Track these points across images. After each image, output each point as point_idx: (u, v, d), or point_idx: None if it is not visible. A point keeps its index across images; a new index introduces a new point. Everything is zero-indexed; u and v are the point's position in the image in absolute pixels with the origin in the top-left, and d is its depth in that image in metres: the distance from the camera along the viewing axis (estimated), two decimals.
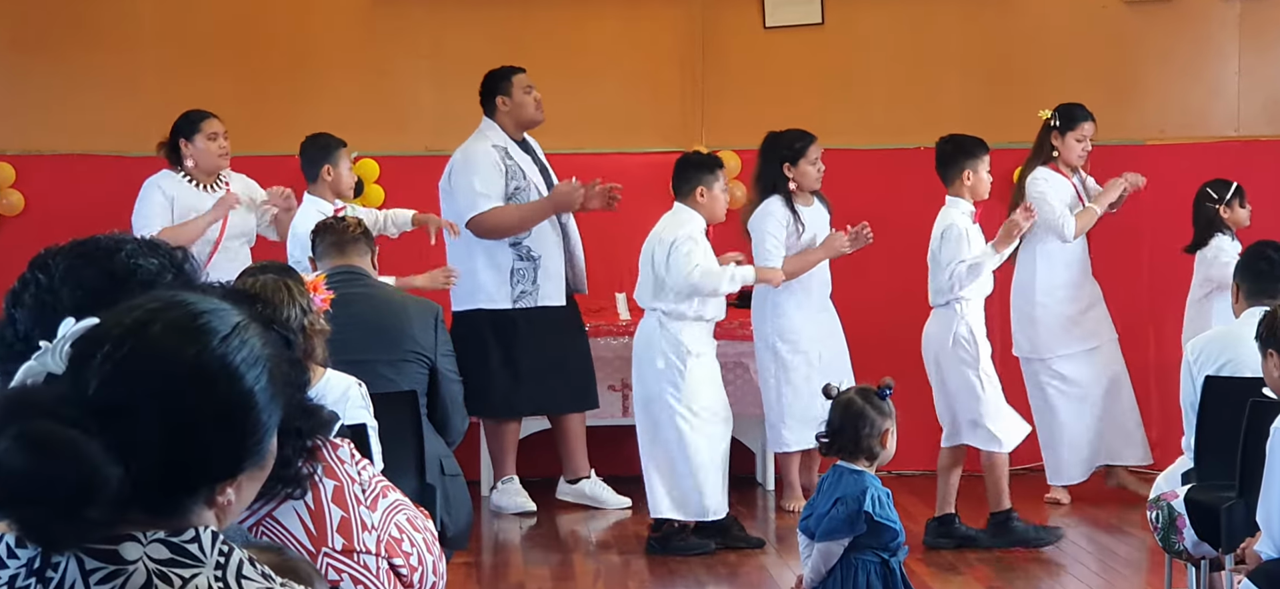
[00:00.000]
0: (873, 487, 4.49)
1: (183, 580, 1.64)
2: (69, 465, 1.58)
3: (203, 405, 1.66)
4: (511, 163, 7.72)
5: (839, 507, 4.47)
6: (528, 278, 7.72)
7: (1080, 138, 7.79)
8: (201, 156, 7.47)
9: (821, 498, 4.56)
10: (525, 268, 7.73)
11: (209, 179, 7.51)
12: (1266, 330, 4.54)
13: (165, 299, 1.71)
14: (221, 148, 7.48)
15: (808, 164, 7.59)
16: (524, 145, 7.83)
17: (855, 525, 4.46)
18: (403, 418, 4.98)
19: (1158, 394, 8.29)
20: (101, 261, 2.28)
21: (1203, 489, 5.18)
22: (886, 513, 4.48)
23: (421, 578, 3.08)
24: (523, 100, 7.74)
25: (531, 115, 7.75)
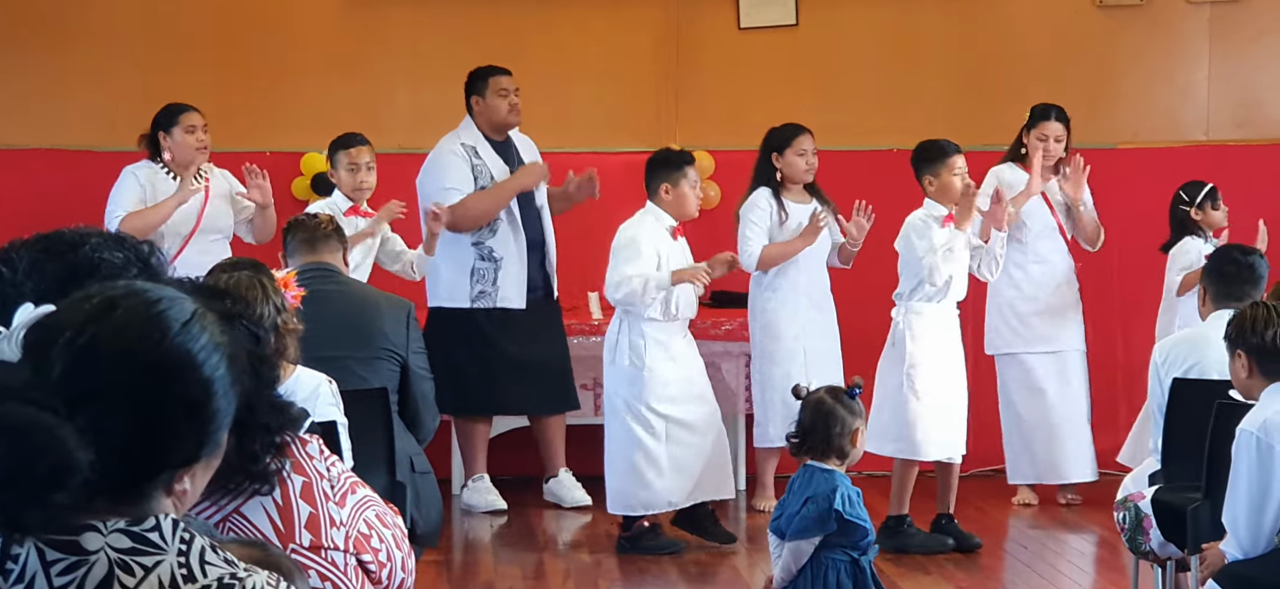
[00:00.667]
0: (843, 486, 4.51)
1: (145, 569, 1.65)
2: (43, 449, 1.59)
3: (165, 392, 1.67)
4: (479, 162, 7.74)
5: (810, 505, 4.49)
6: (487, 278, 7.74)
7: (1042, 136, 7.81)
8: (178, 149, 7.45)
9: (792, 498, 4.58)
10: (485, 268, 7.74)
11: (187, 172, 7.49)
12: (1235, 331, 4.57)
13: (122, 288, 1.72)
14: (199, 141, 7.45)
15: (794, 154, 7.62)
16: (504, 146, 7.83)
17: (826, 524, 4.48)
18: (373, 415, 4.97)
19: (1126, 396, 8.34)
20: (65, 255, 2.28)
21: (1169, 490, 5.21)
22: (857, 512, 4.50)
23: (390, 574, 3.08)
24: (495, 103, 7.75)
25: (503, 118, 7.76)
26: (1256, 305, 4.60)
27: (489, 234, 7.74)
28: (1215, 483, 4.71)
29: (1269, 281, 5.58)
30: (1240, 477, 4.31)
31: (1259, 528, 4.31)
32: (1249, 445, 4.29)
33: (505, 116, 7.75)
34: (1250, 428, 4.32)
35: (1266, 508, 4.29)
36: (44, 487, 1.59)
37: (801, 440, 4.61)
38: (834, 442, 4.55)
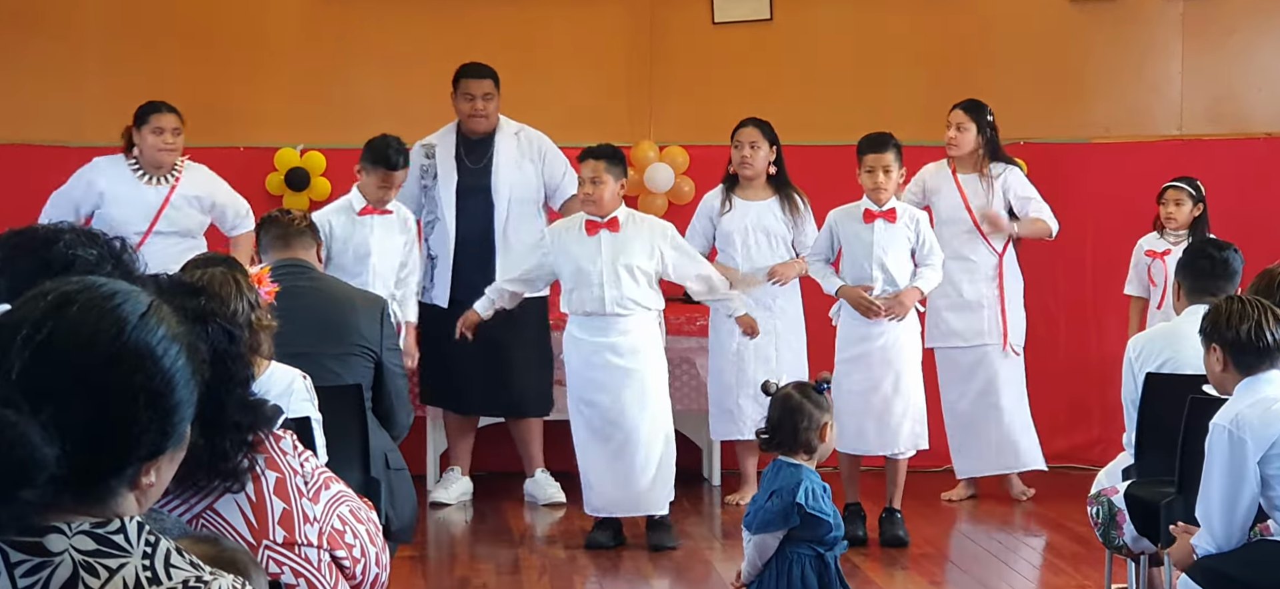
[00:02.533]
0: (809, 480, 4.52)
1: (109, 571, 1.64)
2: (9, 446, 1.58)
3: (125, 385, 1.66)
4: (430, 163, 7.76)
5: (774, 499, 4.50)
6: (427, 274, 7.79)
7: (947, 125, 7.87)
8: (145, 148, 7.43)
9: (760, 492, 4.59)
10: (427, 265, 7.81)
11: (156, 172, 7.46)
12: (1209, 325, 4.58)
13: (76, 283, 1.72)
14: (165, 143, 7.41)
15: (733, 146, 7.70)
16: (477, 143, 7.79)
17: (788, 518, 4.49)
18: (347, 411, 4.96)
19: (1099, 391, 8.37)
20: (39, 251, 2.27)
21: (1143, 485, 5.23)
22: (820, 505, 4.50)
23: (365, 570, 3.07)
24: (460, 106, 7.80)
25: (465, 121, 7.80)
26: (1231, 299, 4.61)
27: (429, 231, 7.83)
28: (1188, 477, 4.72)
29: (1246, 276, 5.60)
30: (1213, 471, 4.33)
31: (1232, 522, 4.32)
32: (1222, 440, 4.31)
33: (467, 120, 7.78)
34: (1223, 423, 4.33)
35: (1239, 502, 4.30)
36: (12, 483, 1.58)
37: (770, 436, 4.61)
38: (801, 437, 4.56)
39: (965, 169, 7.87)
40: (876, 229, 7.08)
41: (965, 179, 7.86)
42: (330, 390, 4.78)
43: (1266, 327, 4.42)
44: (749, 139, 7.66)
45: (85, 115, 8.44)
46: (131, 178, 7.44)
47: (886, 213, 7.09)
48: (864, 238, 7.09)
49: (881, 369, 7.08)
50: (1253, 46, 9.01)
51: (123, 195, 7.40)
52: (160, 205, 7.40)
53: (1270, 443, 4.24)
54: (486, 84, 7.75)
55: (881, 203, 7.08)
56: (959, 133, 7.82)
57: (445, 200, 7.73)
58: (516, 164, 7.77)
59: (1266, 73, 8.98)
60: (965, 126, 7.81)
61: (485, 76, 7.77)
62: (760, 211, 7.66)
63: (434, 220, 7.79)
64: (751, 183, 7.69)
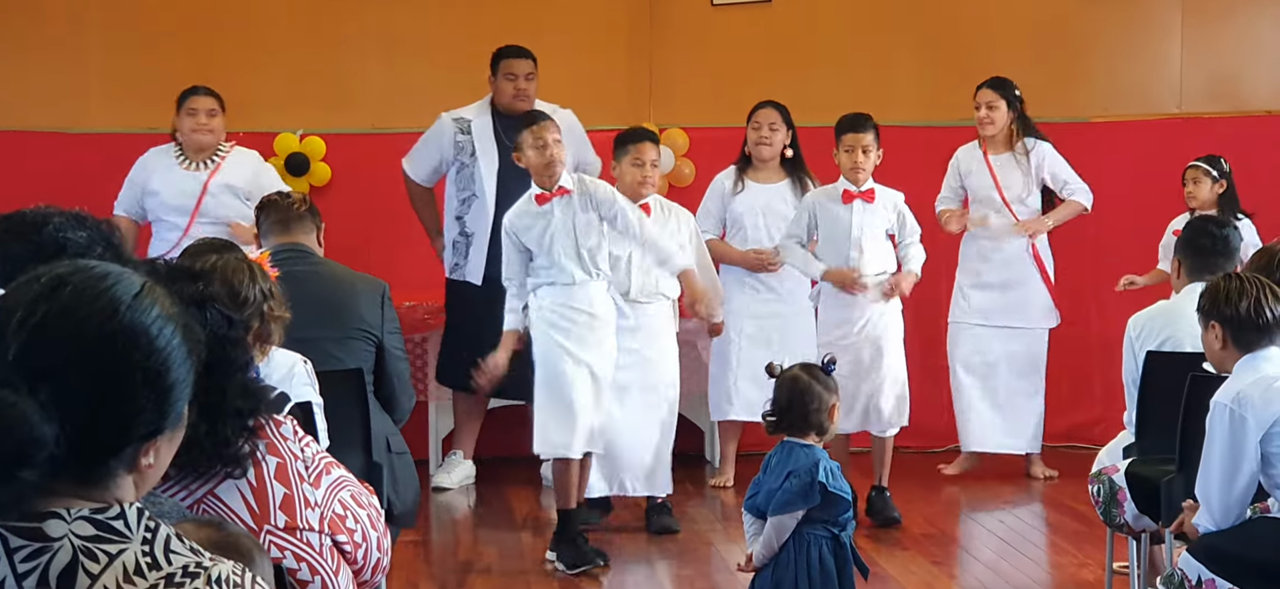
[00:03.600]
0: (824, 459, 4.52)
1: (109, 556, 1.64)
2: (8, 425, 1.59)
3: (120, 365, 1.67)
4: (464, 138, 7.75)
5: (792, 480, 4.49)
6: (462, 251, 7.78)
7: (977, 106, 7.86)
8: (182, 132, 7.46)
9: (770, 475, 4.58)
10: (461, 243, 7.83)
11: (198, 156, 7.45)
12: (1208, 302, 4.58)
13: (69, 266, 1.73)
14: (198, 124, 7.42)
15: (751, 128, 7.69)
16: (511, 124, 7.76)
17: (809, 497, 4.48)
18: (349, 395, 4.95)
19: (1101, 369, 8.37)
20: (29, 235, 2.28)
21: (1143, 463, 5.23)
22: (839, 484, 4.51)
23: (365, 554, 3.08)
24: (501, 85, 7.80)
25: (507, 101, 7.78)
26: (1229, 277, 4.61)
27: (465, 209, 7.78)
28: (1189, 455, 4.73)
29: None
30: (1213, 448, 4.33)
31: (1230, 499, 4.33)
32: (1222, 417, 4.31)
33: (509, 100, 7.76)
34: (1223, 400, 4.34)
35: (1238, 479, 4.31)
36: (12, 463, 1.59)
37: (779, 418, 4.61)
38: (811, 418, 4.55)
39: (997, 148, 7.89)
40: (855, 210, 7.08)
41: (996, 159, 7.88)
42: (331, 375, 4.78)
43: (1266, 303, 4.42)
44: (768, 120, 7.67)
45: (86, 102, 8.44)
46: (176, 166, 7.45)
47: (864, 193, 7.09)
48: (842, 219, 7.09)
49: (866, 349, 7.09)
50: (1252, 24, 9.00)
51: (164, 183, 7.41)
52: (199, 194, 7.37)
53: (1271, 421, 4.25)
54: (529, 64, 7.79)
55: (860, 183, 7.08)
56: (989, 112, 7.83)
57: (486, 180, 7.73)
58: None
59: (1266, 50, 8.97)
60: (995, 105, 7.83)
61: (527, 56, 7.80)
62: (772, 195, 7.66)
63: (470, 197, 7.78)
64: (765, 165, 7.70)
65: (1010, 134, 7.86)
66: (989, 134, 7.86)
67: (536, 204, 6.40)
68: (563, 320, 6.34)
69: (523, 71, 7.76)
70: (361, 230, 8.23)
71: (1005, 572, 6.43)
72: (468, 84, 8.21)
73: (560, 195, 6.37)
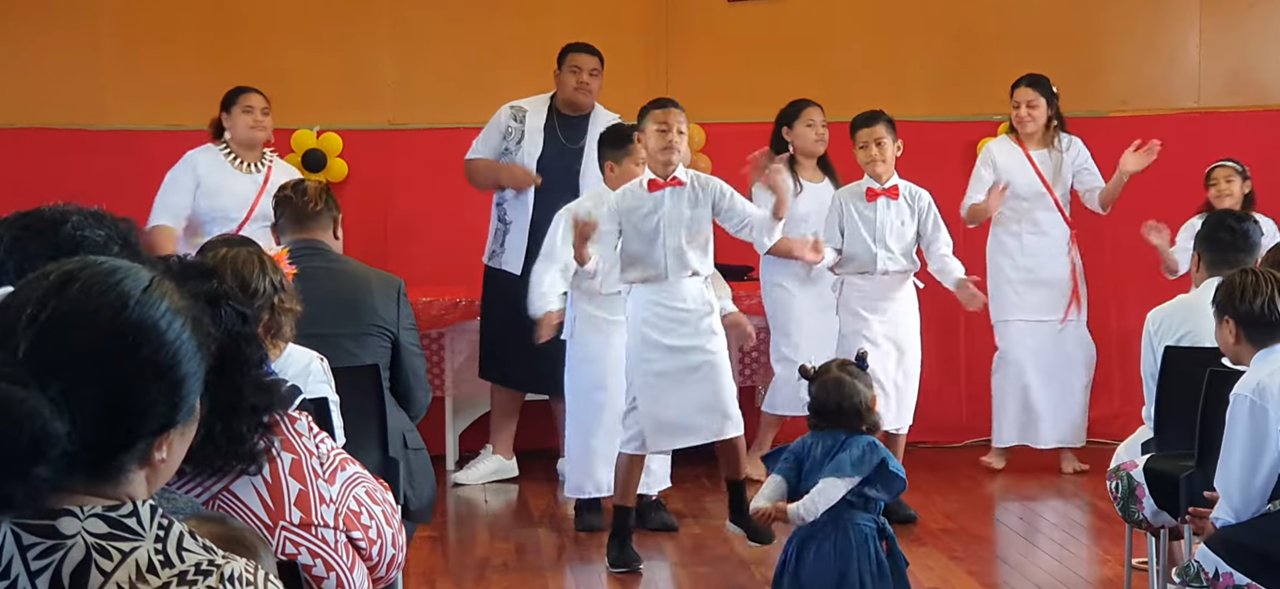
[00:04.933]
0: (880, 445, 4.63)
1: (122, 554, 1.64)
2: (20, 421, 1.59)
3: (131, 359, 1.67)
4: (516, 125, 7.75)
5: (849, 448, 4.53)
6: (500, 238, 7.79)
7: (1017, 104, 7.84)
8: (237, 130, 7.40)
9: (817, 446, 4.60)
10: (500, 229, 7.84)
11: (249, 156, 7.44)
12: (1222, 297, 4.58)
13: (77, 262, 1.73)
14: (256, 122, 7.40)
15: (803, 125, 7.66)
16: (575, 120, 7.77)
17: (863, 465, 4.51)
18: (365, 391, 4.96)
19: (1120, 364, 8.34)
20: (47, 233, 2.28)
21: (1162, 458, 5.21)
22: (897, 465, 4.59)
23: (380, 551, 3.08)
24: (565, 78, 7.78)
25: (569, 95, 7.76)
26: (1244, 272, 4.60)
27: (507, 195, 7.82)
28: (1207, 450, 4.71)
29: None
30: (1234, 440, 4.32)
31: (1250, 491, 4.32)
32: (1243, 409, 4.31)
33: (571, 93, 7.74)
34: (1244, 391, 4.33)
35: (1259, 471, 4.30)
36: (25, 459, 1.60)
37: (827, 418, 4.63)
38: (863, 414, 4.63)
39: (1035, 144, 7.87)
40: (879, 207, 7.08)
41: (1037, 153, 7.87)
42: (348, 371, 4.79)
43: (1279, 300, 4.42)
44: (822, 118, 7.68)
45: (102, 99, 8.45)
46: (227, 165, 7.41)
47: (888, 190, 7.08)
48: (867, 216, 7.09)
49: (886, 346, 7.07)
50: (1271, 18, 8.96)
51: (219, 185, 7.36)
52: (256, 195, 7.33)
53: None
54: (594, 61, 7.78)
55: (882, 178, 7.07)
56: (1030, 110, 7.82)
57: (527, 166, 7.71)
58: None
59: None
60: (1036, 103, 7.82)
61: (593, 54, 7.80)
62: (817, 192, 7.64)
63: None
64: (810, 161, 7.70)
65: (1049, 130, 7.86)
66: (1030, 131, 7.84)
67: (648, 190, 6.28)
68: (658, 317, 6.25)
69: (588, 67, 7.75)
70: (378, 226, 8.23)
71: (1024, 567, 6.41)
72: (483, 81, 8.22)
73: (673, 185, 6.28)
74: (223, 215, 7.25)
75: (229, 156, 7.42)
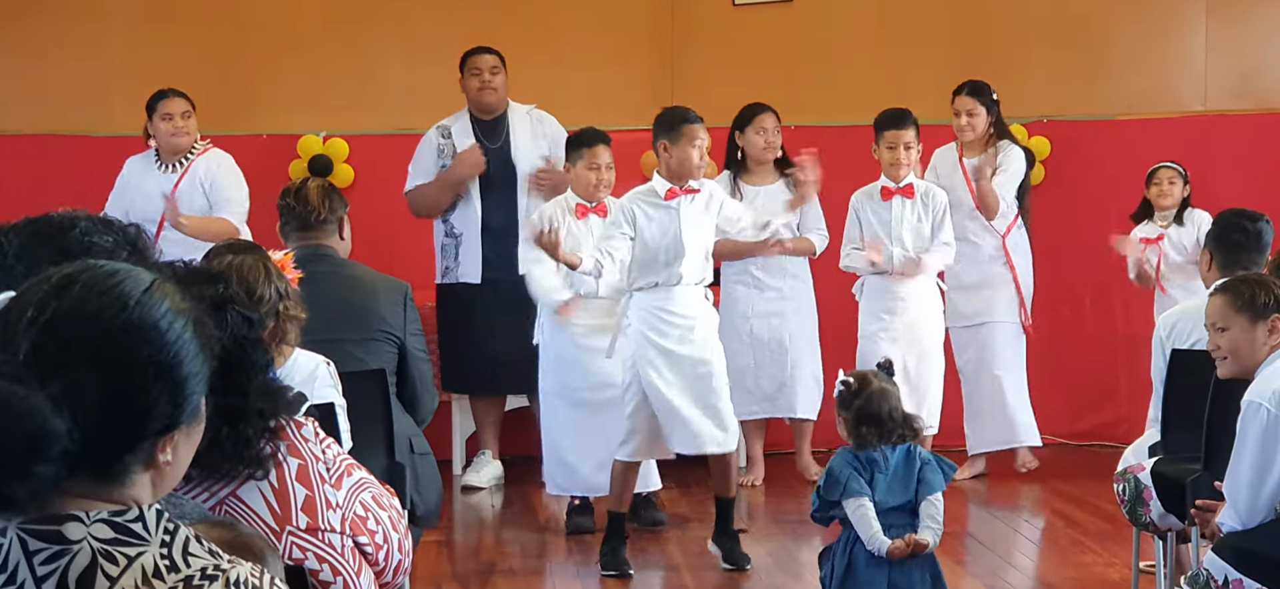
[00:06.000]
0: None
1: (128, 559, 1.65)
2: (19, 418, 1.60)
3: (132, 359, 1.68)
4: (446, 141, 7.83)
5: (927, 461, 4.76)
6: (451, 254, 7.82)
7: (956, 112, 7.80)
8: (158, 137, 7.49)
9: (902, 475, 4.69)
10: (450, 244, 7.88)
11: (172, 158, 7.48)
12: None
13: (78, 265, 1.74)
14: (175, 128, 7.43)
15: (753, 133, 7.67)
16: (491, 124, 7.84)
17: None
18: (371, 396, 4.96)
19: (1125, 368, 8.33)
20: (55, 239, 2.29)
21: (1169, 462, 5.20)
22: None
23: (387, 555, 3.08)
24: (468, 82, 7.86)
25: (474, 97, 7.86)
26: (1248, 279, 4.60)
27: (451, 211, 7.86)
28: (1214, 454, 4.70)
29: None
30: (1245, 446, 4.30)
31: (1258, 498, 4.30)
32: (1257, 415, 4.26)
33: (475, 95, 7.85)
34: (1259, 398, 4.28)
35: (1268, 478, 4.28)
36: (26, 457, 1.60)
37: (884, 432, 4.66)
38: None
39: (973, 152, 7.84)
40: (894, 206, 7.09)
41: (971, 162, 7.83)
42: (354, 376, 4.79)
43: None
44: (773, 124, 7.68)
45: (110, 106, 8.46)
46: (152, 170, 7.48)
47: (903, 189, 7.09)
48: (882, 215, 7.10)
49: (905, 346, 7.08)
50: (1277, 20, 8.95)
51: (136, 186, 7.44)
52: (170, 193, 7.39)
53: None
54: (493, 59, 7.84)
55: (900, 179, 7.07)
56: (970, 119, 7.79)
57: (470, 179, 7.77)
58: (532, 140, 7.82)
59: None
60: (975, 112, 7.79)
61: (491, 52, 7.85)
62: (768, 195, 7.64)
63: (455, 198, 7.83)
64: (761, 167, 7.70)
65: (987, 138, 7.81)
66: (967, 140, 7.81)
67: (665, 198, 6.27)
68: (662, 324, 6.24)
69: (487, 65, 7.82)
70: (384, 231, 8.23)
71: (1032, 571, 6.41)
72: None
73: (688, 194, 6.27)
74: (140, 216, 7.28)
75: (156, 162, 7.46)
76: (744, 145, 7.70)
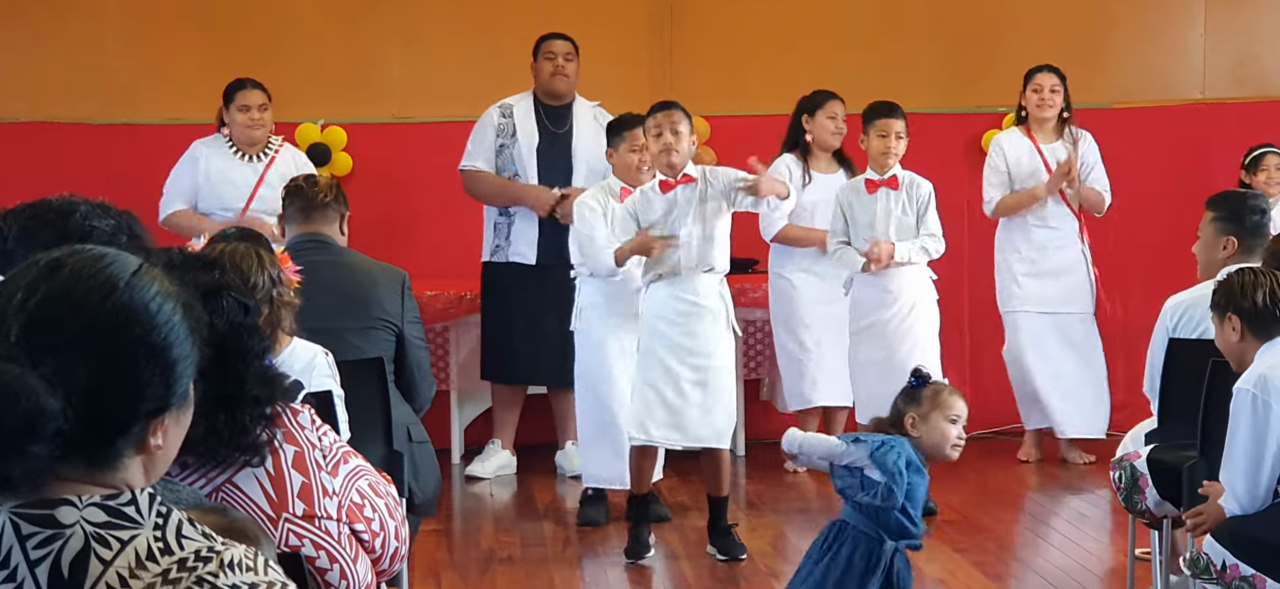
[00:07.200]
0: None
1: (121, 543, 1.65)
2: (14, 397, 1.61)
3: (122, 340, 1.69)
4: (506, 120, 7.79)
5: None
6: (503, 232, 7.80)
7: (1038, 88, 7.83)
8: (234, 128, 7.53)
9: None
10: (503, 223, 7.84)
11: (250, 149, 7.50)
12: (1223, 296, 4.58)
13: (66, 250, 1.75)
14: (251, 120, 7.49)
15: (824, 117, 7.69)
16: (557, 110, 7.82)
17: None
18: (369, 384, 4.97)
19: (1125, 357, 8.34)
20: (56, 224, 2.30)
21: (1165, 449, 5.21)
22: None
23: (383, 543, 3.09)
24: (541, 66, 7.85)
25: (546, 82, 7.83)
26: (1243, 270, 4.62)
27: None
28: (1210, 441, 4.72)
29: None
30: (1238, 434, 4.33)
31: (1257, 484, 4.33)
32: (1246, 403, 4.32)
33: (547, 80, 7.82)
34: (1247, 386, 4.34)
35: (1264, 464, 4.31)
36: (20, 436, 1.61)
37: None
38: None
39: (1046, 136, 7.86)
40: (879, 198, 7.08)
41: (1048, 147, 7.85)
42: (352, 364, 4.79)
43: None
44: (842, 112, 7.71)
45: (108, 93, 8.46)
46: (229, 157, 7.50)
47: (888, 181, 7.08)
48: (868, 206, 7.09)
49: (898, 339, 7.07)
50: (1276, 9, 8.95)
51: (219, 173, 7.45)
52: (255, 184, 7.41)
53: None
54: (568, 45, 7.84)
55: (886, 170, 7.07)
56: (1053, 95, 7.82)
57: (527, 160, 7.75)
58: (594, 135, 7.76)
59: None
60: (1058, 89, 7.83)
61: (566, 39, 7.86)
62: (827, 184, 7.66)
63: (513, 177, 7.79)
64: (824, 155, 7.73)
65: (1060, 120, 7.85)
66: (1046, 117, 7.83)
67: (661, 191, 6.32)
68: (671, 311, 6.27)
69: (562, 51, 7.81)
70: (383, 220, 8.24)
71: (1028, 558, 6.42)
72: (488, 74, 8.22)
73: (685, 182, 6.30)
74: (221, 204, 7.35)
75: (230, 147, 7.48)
76: (811, 129, 7.70)
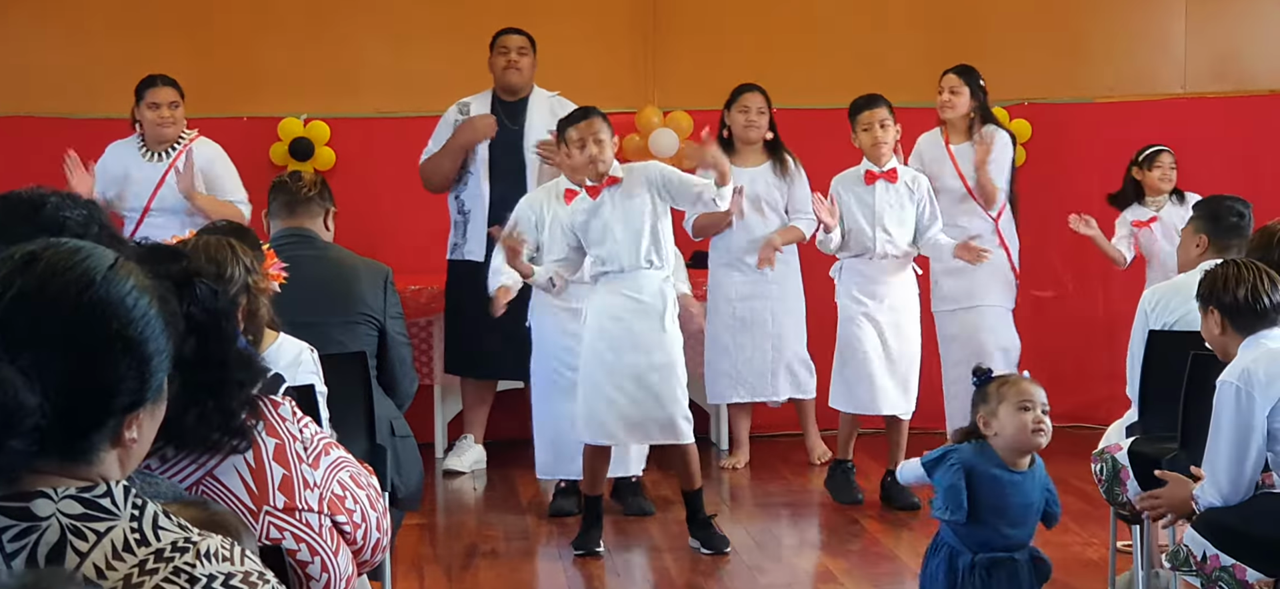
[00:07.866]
0: None
1: (97, 534, 1.65)
2: None
3: (98, 334, 1.69)
4: (463, 118, 7.82)
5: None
6: (460, 230, 7.81)
7: (940, 90, 7.82)
8: (145, 125, 7.46)
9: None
10: (460, 221, 7.87)
11: (159, 147, 7.46)
12: (1206, 289, 4.60)
13: (41, 243, 1.75)
14: (162, 118, 7.40)
15: (737, 111, 7.70)
16: (513, 105, 7.83)
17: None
18: (352, 379, 4.96)
19: (1106, 349, 8.36)
20: (29, 215, 2.30)
21: (1146, 441, 5.23)
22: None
23: (365, 535, 3.09)
24: (494, 61, 7.85)
25: (499, 76, 7.84)
26: (1227, 263, 4.63)
27: (462, 187, 7.82)
28: (1191, 433, 4.73)
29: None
30: (1222, 427, 4.35)
31: (1240, 476, 4.35)
32: (1229, 396, 4.33)
33: (500, 75, 7.83)
34: (1229, 379, 4.36)
35: (1247, 457, 4.33)
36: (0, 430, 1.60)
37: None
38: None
39: (958, 136, 7.84)
40: (877, 191, 7.08)
41: (958, 148, 7.83)
42: (335, 358, 4.79)
43: (1263, 289, 4.46)
44: (757, 104, 7.67)
45: (90, 86, 8.44)
46: (135, 155, 7.46)
47: (887, 173, 7.09)
48: (866, 200, 7.10)
49: (887, 330, 7.09)
50: (1257, 3, 8.98)
51: (125, 174, 7.42)
52: (157, 182, 7.38)
53: (1278, 397, 4.26)
54: (521, 39, 7.84)
55: (882, 161, 7.07)
56: (952, 96, 7.79)
57: (479, 156, 7.76)
58: (548, 127, 7.77)
59: (1270, 30, 8.95)
60: (958, 90, 7.79)
61: (520, 33, 7.87)
62: (753, 177, 7.66)
63: (466, 175, 7.81)
64: (748, 148, 7.70)
65: (970, 121, 7.81)
66: (947, 117, 7.82)
67: (590, 198, 6.36)
68: (613, 308, 6.29)
69: (515, 45, 7.81)
70: (365, 215, 8.23)
71: None
72: (471, 69, 8.21)
73: (610, 185, 6.33)
74: (124, 205, 7.32)
75: (140, 148, 7.43)
76: (730, 124, 7.72)
